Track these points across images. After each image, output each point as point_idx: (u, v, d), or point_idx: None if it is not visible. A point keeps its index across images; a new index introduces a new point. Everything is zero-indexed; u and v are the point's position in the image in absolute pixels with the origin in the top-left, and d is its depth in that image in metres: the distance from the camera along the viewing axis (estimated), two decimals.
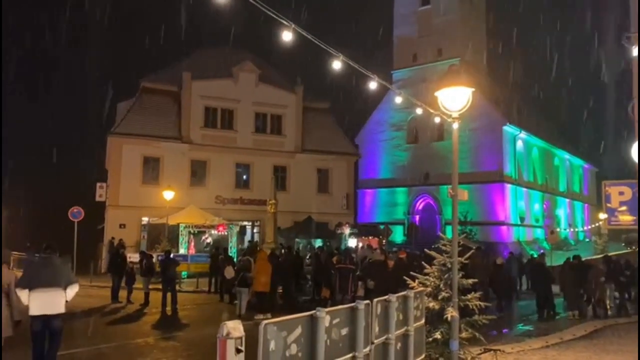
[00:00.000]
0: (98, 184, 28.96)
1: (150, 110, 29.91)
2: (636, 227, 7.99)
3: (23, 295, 7.36)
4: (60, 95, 70.94)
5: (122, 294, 16.96)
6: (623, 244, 35.28)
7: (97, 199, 28.66)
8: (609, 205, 8.79)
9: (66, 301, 7.60)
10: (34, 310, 7.29)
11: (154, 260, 18.63)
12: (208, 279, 20.04)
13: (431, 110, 9.72)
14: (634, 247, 29.21)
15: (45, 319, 7.33)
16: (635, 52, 7.19)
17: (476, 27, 40.04)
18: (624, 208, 8.69)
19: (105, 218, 29.34)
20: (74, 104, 72.46)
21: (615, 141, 48.32)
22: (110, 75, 68.82)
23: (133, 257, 21.00)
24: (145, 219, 28.64)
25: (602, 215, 28.12)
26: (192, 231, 26.23)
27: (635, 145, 5.89)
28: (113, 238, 25.78)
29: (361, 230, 30.63)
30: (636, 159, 5.98)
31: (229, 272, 16.51)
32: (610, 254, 29.69)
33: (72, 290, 7.64)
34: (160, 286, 15.77)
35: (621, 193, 8.58)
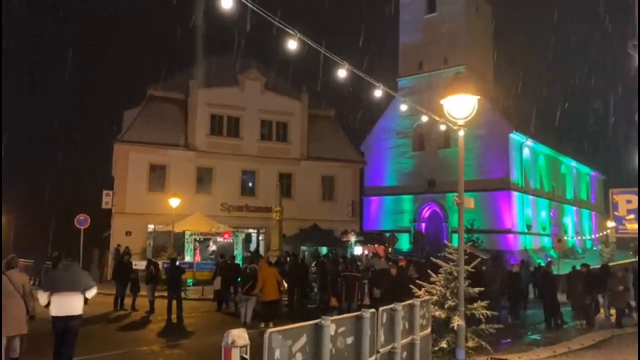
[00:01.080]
0: (104, 191, 29.03)
1: (157, 117, 30.04)
2: None
3: (43, 297, 8.12)
4: (68, 103, 71.45)
5: (128, 301, 16.98)
6: (631, 252, 35.02)
7: (104, 206, 28.72)
8: (616, 213, 8.73)
9: (86, 301, 8.46)
10: (55, 312, 8.10)
11: (160, 268, 18.63)
12: (213, 286, 19.99)
13: (437, 118, 9.72)
14: None
15: (65, 320, 8.12)
16: None
17: (482, 35, 40.10)
18: (631, 216, 8.63)
19: (111, 225, 29.42)
20: (81, 112, 72.93)
21: (622, 149, 48.10)
22: (117, 83, 69.31)
23: (139, 264, 21.02)
24: (151, 227, 28.69)
25: (610, 224, 27.94)
26: (197, 239, 26.25)
27: None
28: (119, 245, 25.82)
29: (367, 238, 30.54)
30: None
31: (217, 283, 17.28)
32: (619, 262, 29.51)
33: (91, 293, 8.49)
34: (165, 294, 15.77)
35: (629, 201, 8.53)
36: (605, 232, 40.52)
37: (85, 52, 79.47)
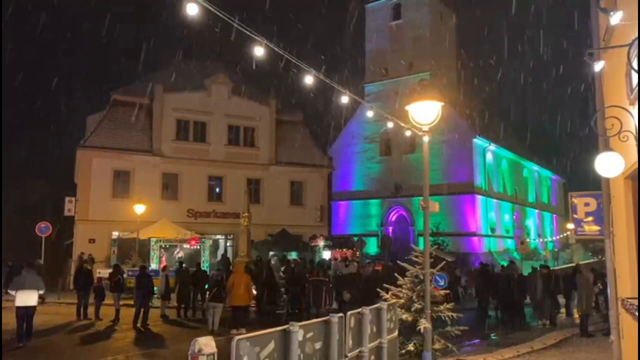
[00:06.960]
0: (67, 198, 28.23)
1: (121, 122, 29.49)
2: (601, 237, 8.23)
3: (14, 293, 12.00)
4: (28, 107, 69.36)
5: (92, 310, 16.57)
6: (590, 253, 36.17)
7: (66, 213, 27.92)
8: (575, 216, 9.01)
9: (40, 295, 12.62)
10: (19, 303, 11.84)
11: (125, 275, 18.27)
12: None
13: (402, 124, 9.86)
14: (601, 257, 29.95)
15: (26, 308, 11.88)
16: (597, 68, 7.46)
17: (447, 42, 40.79)
18: (589, 219, 8.92)
19: (74, 233, 28.69)
20: (42, 116, 70.87)
21: (581, 153, 49.63)
22: (80, 88, 67.74)
23: (103, 272, 20.53)
24: (115, 234, 28.08)
25: (570, 226, 28.81)
26: (163, 245, 25.83)
27: (598, 158, 6.10)
28: (82, 253, 25.20)
29: (335, 242, 30.62)
30: (600, 171, 6.20)
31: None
32: (581, 262, 30.37)
33: (41, 291, 12.52)
34: (130, 302, 15.47)
35: (587, 204, 8.81)
36: (565, 234, 41.70)
37: (48, 55, 77.41)
